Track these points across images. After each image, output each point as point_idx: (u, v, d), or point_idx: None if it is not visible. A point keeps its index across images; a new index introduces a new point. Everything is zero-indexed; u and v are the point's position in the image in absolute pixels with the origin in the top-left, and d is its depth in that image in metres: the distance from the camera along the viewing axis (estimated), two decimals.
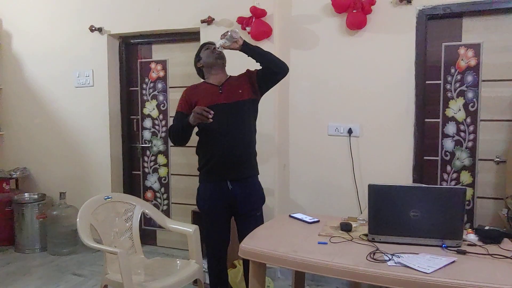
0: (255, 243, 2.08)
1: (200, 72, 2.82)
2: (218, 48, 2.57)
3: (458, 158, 3.17)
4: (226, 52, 2.67)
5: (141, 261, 2.79)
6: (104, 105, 4.12)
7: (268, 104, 3.28)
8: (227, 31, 2.52)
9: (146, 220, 4.21)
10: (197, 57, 2.80)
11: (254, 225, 2.48)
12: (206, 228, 2.72)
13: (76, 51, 4.18)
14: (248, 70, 2.73)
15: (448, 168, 3.20)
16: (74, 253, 4.09)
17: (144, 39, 4.10)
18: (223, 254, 2.74)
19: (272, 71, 2.60)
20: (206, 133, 2.62)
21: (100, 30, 4.04)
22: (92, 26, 4.04)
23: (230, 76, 2.75)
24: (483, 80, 3.07)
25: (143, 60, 4.19)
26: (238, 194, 2.62)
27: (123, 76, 4.22)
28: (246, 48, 2.57)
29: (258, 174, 2.77)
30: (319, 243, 2.07)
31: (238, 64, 2.74)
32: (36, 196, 4.22)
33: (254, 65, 2.68)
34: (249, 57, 2.60)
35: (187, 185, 4.09)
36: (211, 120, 2.40)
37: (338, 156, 3.34)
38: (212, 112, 2.40)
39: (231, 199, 2.63)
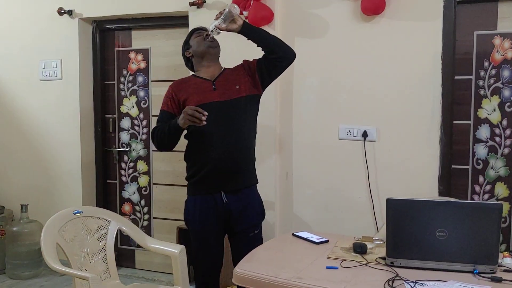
0: (252, 267, 2.07)
1: (188, 62, 2.81)
2: (211, 31, 2.56)
3: (492, 167, 3.17)
4: (218, 39, 2.66)
5: None
6: (74, 102, 4.11)
7: (269, 103, 3.28)
8: (224, 9, 2.51)
9: (123, 239, 4.19)
10: (186, 45, 2.78)
11: (252, 246, 2.46)
12: (195, 249, 2.70)
13: (41, 38, 4.18)
14: (245, 61, 2.73)
15: (481, 179, 3.20)
16: (38, 276, 4.07)
17: (122, 24, 4.10)
18: (214, 280, 2.72)
19: (278, 56, 2.60)
20: (198, 136, 2.59)
21: (70, 13, 4.04)
22: (60, 8, 4.04)
23: (225, 68, 2.74)
24: None
25: (120, 48, 4.19)
26: (234, 208, 2.61)
27: (97, 67, 4.22)
28: (246, 29, 2.56)
29: (257, 183, 2.76)
30: (328, 267, 2.05)
31: (233, 52, 2.74)
32: None
33: (252, 55, 2.68)
34: (249, 43, 2.59)
35: (172, 197, 4.08)
36: (204, 122, 2.38)
37: (350, 164, 3.34)
38: (206, 113, 2.38)
39: (225, 214, 2.61)
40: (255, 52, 2.67)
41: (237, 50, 2.86)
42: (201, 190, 2.63)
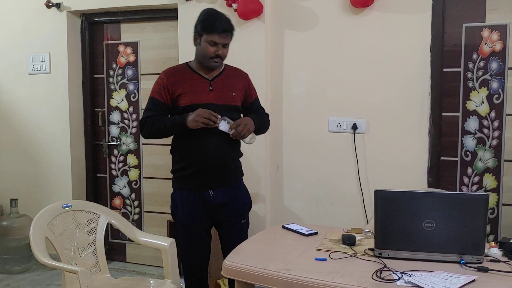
0: (241, 260, 2.08)
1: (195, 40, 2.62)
2: (220, 124, 2.50)
3: (480, 159, 3.20)
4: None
5: (106, 281, 2.77)
6: (63, 96, 4.09)
7: (259, 96, 3.25)
8: (248, 136, 2.56)
9: (114, 232, 4.19)
10: (196, 30, 2.56)
11: (240, 235, 2.51)
12: (184, 243, 2.70)
13: (29, 31, 4.14)
14: (248, 80, 2.75)
15: (469, 170, 3.22)
16: (28, 271, 4.06)
17: (111, 17, 4.07)
18: (204, 273, 2.73)
19: None
20: (189, 134, 2.56)
21: (58, 6, 4.01)
22: (48, 1, 4.00)
23: (226, 66, 2.70)
24: (510, 68, 3.09)
25: (109, 42, 4.16)
26: (221, 200, 2.62)
27: (85, 61, 4.19)
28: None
29: (243, 175, 2.78)
30: (317, 259, 2.07)
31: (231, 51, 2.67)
32: None
33: (250, 54, 2.66)
34: (247, 43, 2.58)
35: (162, 191, 4.07)
36: (217, 125, 2.47)
37: (340, 156, 3.35)
38: (219, 116, 2.46)
39: (212, 207, 2.62)
40: (253, 51, 2.65)
41: (235, 49, 2.85)
42: (188, 186, 2.63)
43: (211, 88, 2.59)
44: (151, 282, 2.81)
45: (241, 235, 2.67)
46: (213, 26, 2.49)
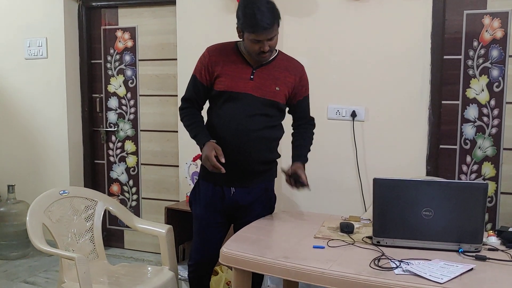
0: (238, 247, 2.07)
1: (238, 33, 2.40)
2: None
3: (479, 147, 3.19)
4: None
5: (104, 268, 2.77)
6: (61, 81, 4.06)
7: None
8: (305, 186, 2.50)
9: (111, 219, 4.19)
10: (238, 24, 2.34)
11: None
12: (195, 239, 2.60)
13: (26, 16, 4.10)
14: (301, 75, 2.51)
15: (468, 158, 3.22)
16: (26, 257, 4.07)
17: (108, 2, 4.04)
18: (208, 271, 2.66)
19: None
20: (219, 121, 2.40)
21: None
22: None
23: (279, 54, 2.48)
24: (511, 56, 3.06)
25: (107, 27, 4.13)
26: (241, 200, 2.48)
27: (83, 46, 4.16)
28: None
29: (276, 177, 2.66)
30: (314, 247, 2.07)
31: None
32: None
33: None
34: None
35: (160, 177, 4.07)
36: (223, 170, 2.30)
37: (339, 143, 3.34)
38: (223, 171, 2.29)
39: (231, 206, 2.49)
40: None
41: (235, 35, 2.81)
42: (213, 180, 2.47)
43: (252, 76, 2.38)
44: (149, 268, 2.82)
45: None
46: (254, 26, 2.22)
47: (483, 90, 3.14)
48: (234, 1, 3.33)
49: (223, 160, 2.30)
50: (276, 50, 2.49)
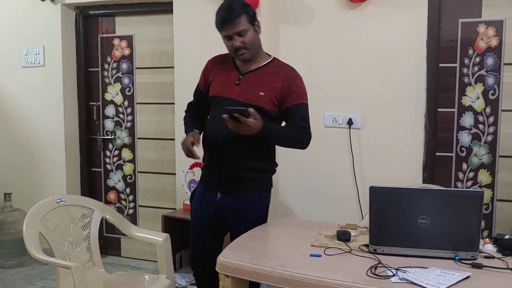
0: (235, 256, 2.07)
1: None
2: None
3: (475, 155, 3.20)
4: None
5: (101, 276, 2.76)
6: (58, 89, 4.06)
7: None
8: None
9: (108, 227, 4.18)
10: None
11: None
12: (190, 244, 2.65)
13: (23, 24, 4.10)
14: (291, 81, 2.41)
15: (464, 166, 3.22)
16: (22, 265, 4.04)
17: (105, 10, 4.04)
18: (204, 272, 2.64)
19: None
20: (209, 127, 2.47)
21: None
22: None
23: (274, 61, 2.48)
24: (506, 64, 3.08)
25: (104, 35, 4.13)
26: (227, 206, 2.48)
27: (80, 54, 4.16)
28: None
29: (271, 187, 2.61)
30: (311, 255, 2.06)
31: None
32: None
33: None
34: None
35: (157, 185, 4.07)
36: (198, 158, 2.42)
37: (335, 151, 3.34)
38: (198, 157, 2.39)
39: (218, 211, 2.50)
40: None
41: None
42: (204, 183, 2.57)
43: (238, 82, 2.42)
44: (146, 277, 2.81)
45: None
46: (219, 21, 2.34)
47: (478, 98, 3.16)
48: None
49: (197, 145, 2.39)
50: (271, 57, 2.51)
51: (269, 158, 2.56)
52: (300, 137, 2.41)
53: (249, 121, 2.17)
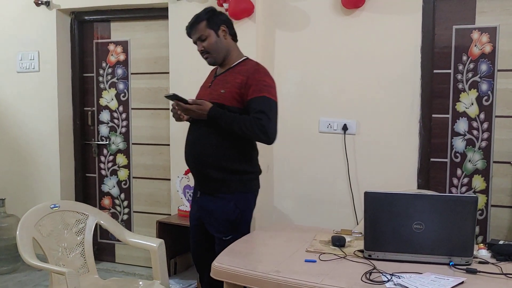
0: (230, 261, 2.06)
1: None
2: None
3: (470, 160, 3.21)
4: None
5: (95, 282, 2.75)
6: (52, 94, 4.05)
7: None
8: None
9: (103, 233, 4.16)
10: None
11: (220, 249, 2.33)
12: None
13: (18, 30, 4.10)
14: (249, 76, 2.45)
15: (459, 171, 3.23)
16: (16, 271, 4.02)
17: (101, 16, 4.04)
18: (200, 271, 2.77)
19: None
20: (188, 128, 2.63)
21: (47, 4, 3.97)
22: None
23: (245, 61, 2.58)
24: (500, 70, 3.10)
25: (99, 40, 4.13)
26: (203, 206, 2.59)
27: (75, 59, 4.16)
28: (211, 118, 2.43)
29: (252, 192, 2.63)
30: (306, 261, 2.06)
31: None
32: None
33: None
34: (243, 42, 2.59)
35: (152, 191, 4.06)
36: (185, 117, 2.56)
37: (330, 156, 3.35)
38: (179, 114, 2.54)
39: (198, 210, 2.63)
40: (244, 51, 2.65)
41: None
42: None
43: (210, 84, 2.59)
44: (140, 283, 2.79)
45: (221, 249, 2.41)
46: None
47: (472, 104, 3.17)
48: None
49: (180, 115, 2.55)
50: (244, 57, 2.61)
51: (243, 159, 2.55)
52: (252, 127, 2.37)
53: (191, 107, 2.39)
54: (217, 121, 2.40)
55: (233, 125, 2.39)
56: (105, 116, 4.16)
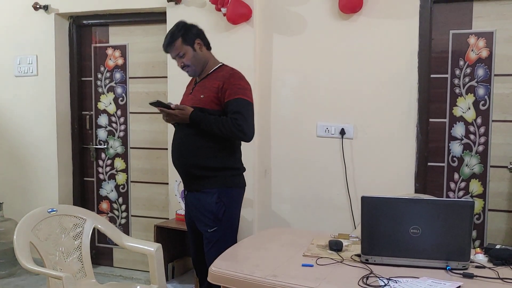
0: (227, 266, 2.06)
1: None
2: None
3: (467, 165, 3.21)
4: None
5: (92, 287, 2.74)
6: (50, 98, 4.05)
7: None
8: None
9: (100, 237, 4.15)
10: None
11: (207, 244, 2.58)
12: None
13: (17, 34, 4.10)
14: (225, 80, 2.59)
15: (456, 176, 3.24)
16: (13, 275, 4.01)
17: (99, 20, 4.05)
18: (197, 267, 2.84)
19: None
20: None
21: (46, 8, 3.98)
22: (36, 3, 3.97)
23: (221, 67, 2.71)
24: (496, 75, 3.11)
25: (98, 45, 4.14)
26: (189, 203, 2.74)
27: (73, 63, 4.16)
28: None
29: (235, 186, 2.72)
30: (303, 265, 2.06)
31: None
32: None
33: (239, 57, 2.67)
34: (234, 46, 2.62)
35: (150, 195, 4.05)
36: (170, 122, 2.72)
37: (328, 161, 3.35)
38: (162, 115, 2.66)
39: (187, 208, 2.78)
40: (242, 56, 2.68)
41: (224, 53, 2.89)
42: None
43: (191, 91, 2.73)
44: (138, 287, 2.80)
45: (208, 245, 2.62)
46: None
47: (469, 108, 3.18)
48: (224, 20, 3.36)
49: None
50: (220, 64, 2.73)
51: (225, 158, 2.67)
52: (229, 126, 2.52)
53: (174, 112, 2.56)
54: (199, 123, 2.56)
55: (212, 127, 2.54)
56: (103, 120, 4.16)
